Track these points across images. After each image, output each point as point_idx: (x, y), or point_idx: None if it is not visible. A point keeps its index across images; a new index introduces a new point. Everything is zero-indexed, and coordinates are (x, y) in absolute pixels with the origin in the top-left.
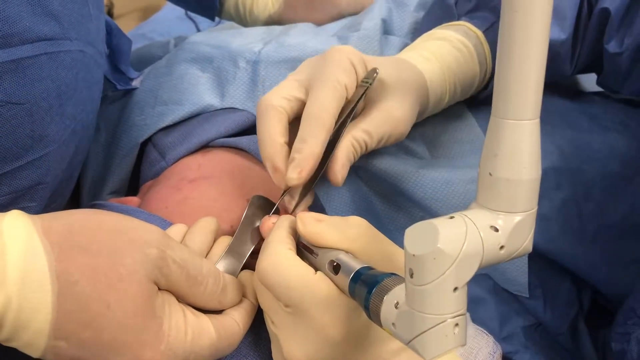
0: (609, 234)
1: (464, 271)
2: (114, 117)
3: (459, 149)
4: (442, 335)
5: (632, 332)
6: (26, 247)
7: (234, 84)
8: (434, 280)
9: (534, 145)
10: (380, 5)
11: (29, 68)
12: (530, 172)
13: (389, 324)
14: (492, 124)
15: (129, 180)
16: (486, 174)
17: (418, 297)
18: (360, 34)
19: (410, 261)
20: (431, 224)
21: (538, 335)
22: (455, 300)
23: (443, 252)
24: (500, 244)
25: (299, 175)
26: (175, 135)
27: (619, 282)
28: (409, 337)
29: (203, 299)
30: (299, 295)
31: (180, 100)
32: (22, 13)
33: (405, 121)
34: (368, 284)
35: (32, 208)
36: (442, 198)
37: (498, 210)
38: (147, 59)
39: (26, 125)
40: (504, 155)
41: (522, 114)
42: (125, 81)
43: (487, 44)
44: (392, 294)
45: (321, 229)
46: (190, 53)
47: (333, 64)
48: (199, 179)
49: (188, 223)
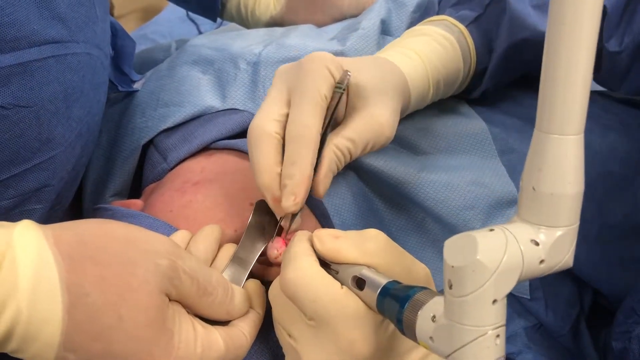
0: (610, 234)
1: (504, 284)
2: (115, 119)
3: (463, 143)
4: (484, 347)
5: (633, 331)
6: (37, 257)
7: (234, 85)
8: (473, 292)
9: (579, 159)
10: (380, 6)
11: (37, 71)
12: (574, 187)
13: (426, 338)
14: (536, 138)
15: (131, 182)
16: (529, 189)
17: (458, 309)
18: (358, 34)
19: (449, 272)
20: (470, 236)
21: (540, 335)
22: (495, 313)
23: (482, 264)
24: (541, 257)
25: (294, 202)
26: (176, 137)
27: (619, 282)
28: (449, 351)
29: (212, 310)
30: (326, 310)
31: (181, 102)
32: (29, 16)
33: (389, 126)
34: (399, 298)
35: (38, 210)
36: (443, 199)
37: (540, 224)
38: (148, 62)
39: (33, 128)
40: (548, 170)
41: (567, 129)
42: (128, 83)
43: (470, 38)
44: (427, 308)
45: (339, 245)
46: (192, 55)
47: (310, 74)
48: (203, 182)
49: (193, 226)
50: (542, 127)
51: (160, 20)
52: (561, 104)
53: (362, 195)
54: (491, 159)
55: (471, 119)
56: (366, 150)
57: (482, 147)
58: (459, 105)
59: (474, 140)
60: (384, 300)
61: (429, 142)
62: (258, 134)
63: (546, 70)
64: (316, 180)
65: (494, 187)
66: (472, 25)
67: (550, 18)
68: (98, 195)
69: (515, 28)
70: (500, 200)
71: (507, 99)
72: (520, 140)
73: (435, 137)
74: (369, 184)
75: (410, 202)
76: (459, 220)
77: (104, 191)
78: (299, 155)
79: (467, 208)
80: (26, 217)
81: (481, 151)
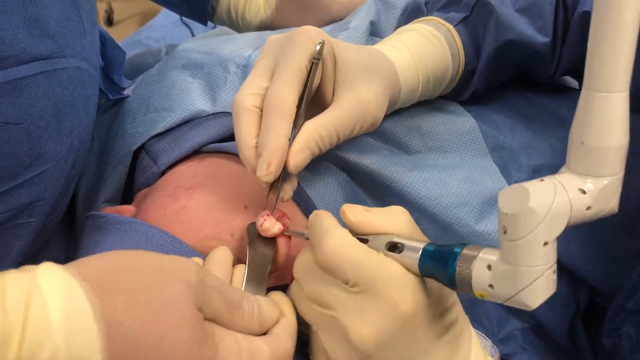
0: (603, 229)
1: (553, 228)
2: (106, 125)
3: (454, 142)
4: (545, 284)
5: (622, 328)
6: (66, 293)
7: (224, 88)
8: (525, 235)
9: (624, 114)
10: (369, 7)
11: (26, 88)
12: (620, 139)
13: (484, 287)
14: (584, 97)
15: (123, 188)
16: (578, 142)
17: (514, 252)
18: (347, 34)
19: (503, 219)
20: (522, 187)
21: (536, 337)
22: (547, 253)
23: (533, 211)
24: (587, 204)
25: (267, 170)
26: (167, 141)
27: (613, 278)
28: (512, 292)
29: (244, 324)
30: (372, 273)
31: (171, 107)
32: (18, 35)
33: (376, 103)
34: (445, 257)
35: (31, 223)
36: (435, 197)
37: (587, 174)
38: (139, 67)
39: (24, 144)
40: (596, 125)
41: (613, 86)
42: (117, 91)
43: (459, 38)
44: (480, 260)
45: (372, 217)
46: (181, 60)
47: (296, 47)
48: (196, 187)
49: (188, 231)
50: (590, 86)
51: (154, 26)
52: (608, 64)
53: (353, 195)
54: (482, 157)
55: (461, 116)
56: (354, 132)
57: (472, 146)
58: (448, 104)
59: (464, 139)
60: (427, 261)
61: (419, 141)
62: (237, 108)
63: (594, 34)
64: (288, 154)
65: (485, 184)
66: (459, 26)
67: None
68: (90, 202)
69: (501, 30)
70: (493, 197)
71: (496, 98)
72: (510, 138)
73: (425, 136)
74: (361, 184)
75: (402, 201)
76: (453, 217)
77: (96, 198)
78: (272, 125)
79: (460, 205)
80: (19, 231)
81: (472, 149)
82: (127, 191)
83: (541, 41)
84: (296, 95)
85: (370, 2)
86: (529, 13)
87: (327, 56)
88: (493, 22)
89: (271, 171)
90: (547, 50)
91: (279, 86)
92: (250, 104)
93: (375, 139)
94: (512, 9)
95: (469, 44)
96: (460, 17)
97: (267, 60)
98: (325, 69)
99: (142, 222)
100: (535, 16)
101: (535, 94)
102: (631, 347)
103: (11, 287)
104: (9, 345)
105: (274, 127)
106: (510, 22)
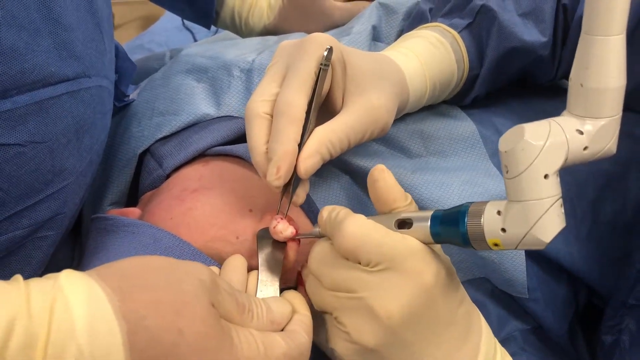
0: (602, 231)
1: (551, 160)
2: (111, 129)
3: (455, 146)
4: (556, 216)
5: (623, 322)
6: (88, 295)
7: (229, 92)
8: (526, 169)
9: (621, 56)
10: (370, 12)
11: (52, 108)
12: (617, 81)
13: (497, 233)
14: (583, 41)
15: (129, 191)
16: (577, 85)
17: (518, 188)
18: (350, 39)
19: (504, 159)
20: (519, 126)
21: (536, 338)
22: (550, 185)
23: (529, 143)
24: (585, 144)
25: (277, 175)
26: (172, 144)
27: (611, 278)
28: (524, 230)
29: (254, 324)
30: (394, 249)
31: (176, 110)
32: (49, 60)
33: (386, 110)
34: (454, 218)
35: (50, 237)
36: (437, 199)
37: (585, 116)
38: (143, 71)
39: (47, 161)
40: (594, 67)
41: (610, 30)
42: (121, 98)
43: (463, 44)
44: (489, 209)
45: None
46: (186, 64)
47: (306, 54)
48: (202, 190)
49: (194, 233)
50: (588, 30)
51: (156, 30)
52: (604, 8)
53: (356, 198)
54: (483, 161)
55: (462, 121)
56: (365, 138)
57: (473, 150)
58: (450, 109)
59: (465, 144)
60: (438, 226)
61: (421, 145)
62: (249, 115)
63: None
64: (299, 159)
65: (487, 186)
66: (464, 32)
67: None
68: (96, 205)
69: (503, 37)
70: (495, 198)
71: (497, 102)
72: None
73: (427, 141)
74: (363, 187)
75: None
76: None
77: (102, 200)
78: (281, 130)
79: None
80: (39, 243)
81: (472, 154)
82: (132, 194)
83: (543, 45)
84: (305, 101)
85: (372, 7)
86: (532, 17)
87: (336, 62)
88: (496, 28)
89: (280, 175)
90: (547, 53)
91: (288, 92)
92: (262, 110)
93: (377, 143)
94: (515, 14)
95: (472, 50)
96: (465, 23)
97: (278, 66)
98: (334, 75)
99: (150, 225)
100: (539, 20)
101: (534, 97)
102: (632, 341)
103: (35, 293)
104: (35, 348)
105: (283, 132)
106: (512, 28)
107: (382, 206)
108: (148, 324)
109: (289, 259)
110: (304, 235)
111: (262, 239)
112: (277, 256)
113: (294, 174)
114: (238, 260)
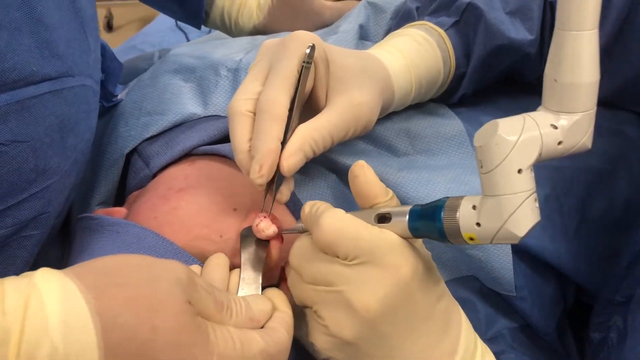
0: (590, 228)
1: (525, 155)
2: (99, 129)
3: (442, 145)
4: (529, 210)
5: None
6: (62, 292)
7: (216, 92)
8: (500, 163)
9: (594, 51)
10: (358, 11)
11: (34, 107)
12: (591, 76)
13: (472, 228)
14: (556, 36)
15: (117, 191)
16: (552, 80)
17: (492, 182)
18: (337, 37)
19: (478, 154)
20: (493, 121)
21: (524, 336)
22: (524, 180)
23: (503, 138)
24: (559, 139)
25: (259, 173)
26: (159, 144)
27: (599, 276)
28: (499, 225)
29: (233, 321)
30: (371, 243)
31: (164, 110)
32: (30, 59)
33: (369, 107)
34: (431, 212)
35: (35, 236)
36: (424, 197)
37: (560, 111)
38: (132, 71)
39: (30, 160)
40: (567, 62)
41: (583, 25)
42: (109, 98)
43: (450, 42)
44: (464, 204)
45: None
46: (173, 64)
47: (288, 52)
48: (187, 189)
49: (178, 232)
50: (562, 26)
51: (150, 31)
52: (577, 3)
53: (343, 196)
54: (469, 159)
55: (449, 119)
56: (348, 135)
57: (460, 149)
58: (437, 107)
59: (452, 142)
60: (416, 221)
61: (408, 143)
62: (232, 113)
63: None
64: (281, 157)
65: (473, 184)
66: (450, 30)
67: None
68: (84, 205)
69: (490, 35)
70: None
71: (485, 101)
72: None
73: (414, 139)
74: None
75: None
76: None
77: (89, 200)
78: (264, 128)
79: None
80: (24, 242)
81: (459, 152)
82: (119, 194)
83: (530, 43)
84: (287, 99)
85: (360, 6)
86: (519, 15)
87: (319, 60)
88: (482, 26)
89: (263, 173)
90: (535, 51)
91: (270, 90)
92: (244, 108)
93: (364, 141)
94: (502, 12)
95: (459, 48)
96: (451, 21)
97: (261, 65)
98: (317, 72)
99: (134, 224)
100: (526, 18)
101: (522, 95)
102: (619, 338)
103: (10, 290)
104: (8, 345)
105: (265, 130)
106: (499, 27)
107: (363, 202)
108: (122, 321)
109: (271, 257)
110: (288, 230)
111: (246, 238)
112: (260, 254)
113: (277, 172)
114: (220, 258)
